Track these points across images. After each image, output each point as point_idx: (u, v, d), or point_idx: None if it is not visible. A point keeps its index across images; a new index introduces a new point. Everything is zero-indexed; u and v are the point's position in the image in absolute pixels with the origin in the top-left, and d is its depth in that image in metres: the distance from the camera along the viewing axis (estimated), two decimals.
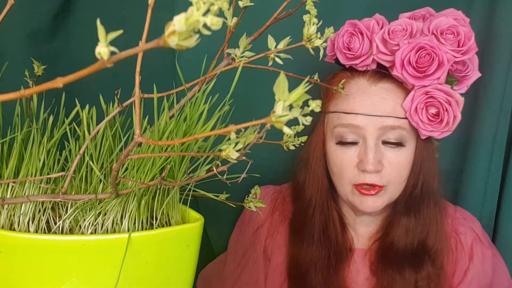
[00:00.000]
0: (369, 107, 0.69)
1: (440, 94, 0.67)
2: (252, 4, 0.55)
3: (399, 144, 0.70)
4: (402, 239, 0.75)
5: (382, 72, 0.71)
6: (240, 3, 0.55)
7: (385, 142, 0.70)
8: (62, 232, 0.48)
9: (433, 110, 0.68)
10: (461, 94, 0.69)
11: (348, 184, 0.73)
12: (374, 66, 0.71)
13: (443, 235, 0.76)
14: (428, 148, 0.73)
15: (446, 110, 0.67)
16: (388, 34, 0.68)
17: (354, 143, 0.71)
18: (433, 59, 0.66)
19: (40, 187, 0.49)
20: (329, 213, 0.78)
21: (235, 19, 0.55)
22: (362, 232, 0.81)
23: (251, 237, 0.85)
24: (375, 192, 0.71)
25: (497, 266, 0.79)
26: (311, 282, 0.76)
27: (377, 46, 0.69)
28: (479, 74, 0.72)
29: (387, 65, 0.70)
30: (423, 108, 0.68)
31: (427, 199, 0.75)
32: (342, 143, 0.72)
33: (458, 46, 0.67)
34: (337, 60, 0.74)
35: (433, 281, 0.74)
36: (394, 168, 0.71)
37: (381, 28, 0.71)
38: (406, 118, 0.69)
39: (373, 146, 0.69)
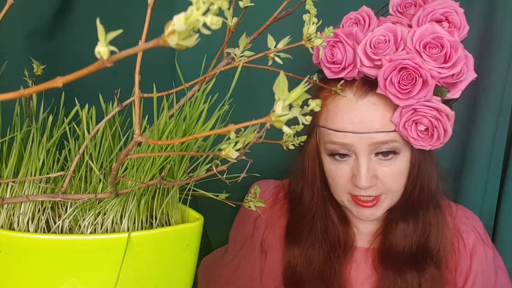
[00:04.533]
0: (358, 125, 0.67)
1: (428, 110, 0.64)
2: (252, 4, 0.55)
3: (392, 155, 0.69)
4: (400, 244, 0.74)
5: (369, 83, 0.68)
6: (241, 3, 0.55)
7: (378, 154, 0.69)
8: (61, 232, 0.48)
9: (421, 127, 0.65)
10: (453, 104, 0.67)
11: (343, 193, 0.73)
12: (361, 75, 0.68)
13: (446, 236, 0.76)
14: (424, 151, 0.71)
15: (436, 126, 0.64)
16: (371, 47, 0.65)
17: (346, 157, 0.70)
18: (415, 80, 0.62)
19: (39, 186, 0.49)
20: (328, 218, 0.78)
21: (235, 19, 0.55)
22: (363, 229, 0.81)
23: (249, 228, 0.85)
24: (372, 204, 0.71)
25: (498, 266, 0.80)
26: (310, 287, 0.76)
27: (360, 59, 0.65)
28: (475, 75, 0.67)
29: (373, 78, 0.66)
30: (411, 125, 0.65)
31: (425, 203, 0.74)
32: (334, 157, 0.71)
33: (444, 60, 0.63)
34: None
35: (437, 282, 0.74)
36: (389, 179, 0.70)
37: (369, 25, 0.68)
38: (396, 131, 0.67)
39: (365, 162, 0.68)
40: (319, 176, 0.76)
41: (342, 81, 0.69)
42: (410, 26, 0.68)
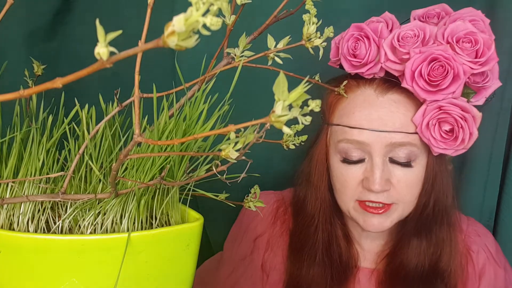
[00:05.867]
0: (376, 122, 0.64)
1: (455, 109, 0.60)
2: (249, 1, 0.55)
3: (408, 162, 0.65)
4: (412, 262, 0.70)
5: (391, 81, 0.65)
6: (238, 0, 0.55)
7: (393, 161, 0.65)
8: (61, 232, 0.48)
9: (446, 127, 0.61)
10: (477, 107, 0.64)
11: (350, 200, 0.68)
12: (382, 74, 0.65)
13: (457, 255, 0.71)
14: (441, 163, 0.68)
15: (462, 127, 0.61)
16: (398, 41, 0.62)
17: (359, 161, 0.66)
18: (447, 72, 0.59)
19: (39, 186, 0.49)
20: (332, 231, 0.73)
21: (233, 17, 0.55)
22: (369, 248, 0.76)
23: (248, 246, 0.81)
24: (382, 211, 0.66)
25: (510, 283, 0.75)
26: None
27: (385, 53, 0.63)
28: (500, 84, 0.65)
29: (396, 74, 0.64)
30: (435, 124, 0.62)
31: (440, 218, 0.69)
32: (346, 161, 0.67)
33: (476, 56, 0.61)
34: (342, 66, 0.69)
35: None
36: (403, 187, 0.65)
37: (390, 30, 0.65)
38: (416, 133, 0.64)
39: (380, 164, 0.64)
40: (325, 181, 0.71)
41: (345, 82, 0.67)
42: None
